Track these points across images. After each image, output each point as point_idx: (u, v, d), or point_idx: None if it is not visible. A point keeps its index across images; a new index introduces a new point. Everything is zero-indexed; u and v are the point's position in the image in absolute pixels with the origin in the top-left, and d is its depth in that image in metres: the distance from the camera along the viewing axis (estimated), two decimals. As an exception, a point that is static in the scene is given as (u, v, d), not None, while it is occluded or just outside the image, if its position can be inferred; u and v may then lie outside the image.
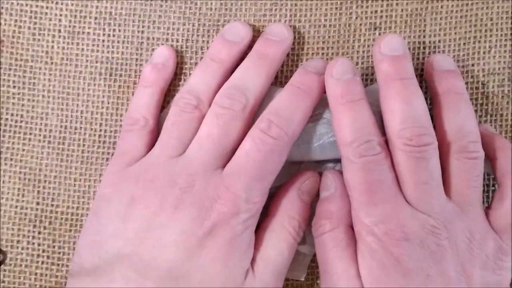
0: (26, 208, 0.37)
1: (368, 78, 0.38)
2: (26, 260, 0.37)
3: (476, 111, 0.37)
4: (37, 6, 0.38)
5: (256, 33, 0.38)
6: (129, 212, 0.31)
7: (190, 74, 0.38)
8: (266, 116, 0.32)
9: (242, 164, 0.31)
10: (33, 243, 0.37)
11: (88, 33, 0.38)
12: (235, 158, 0.32)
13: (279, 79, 0.38)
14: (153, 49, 0.38)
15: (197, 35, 0.38)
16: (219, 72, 0.34)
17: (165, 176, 0.31)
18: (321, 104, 0.34)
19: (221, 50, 0.35)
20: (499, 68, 0.37)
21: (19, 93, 0.38)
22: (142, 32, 0.38)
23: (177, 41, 0.38)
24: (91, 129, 0.38)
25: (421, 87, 0.33)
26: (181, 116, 0.33)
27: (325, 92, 0.34)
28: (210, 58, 0.35)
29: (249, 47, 0.36)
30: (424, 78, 0.37)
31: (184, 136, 0.33)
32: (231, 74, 0.35)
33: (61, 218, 0.37)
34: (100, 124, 0.38)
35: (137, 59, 0.38)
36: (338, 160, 0.36)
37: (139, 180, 0.32)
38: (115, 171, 0.34)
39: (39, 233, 0.37)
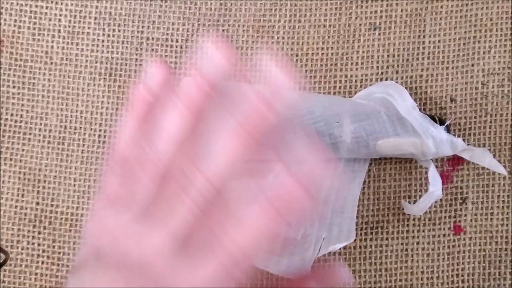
0: (26, 208, 0.37)
1: (368, 78, 0.37)
2: (26, 260, 0.37)
3: (476, 111, 0.37)
4: (36, 6, 0.38)
5: (256, 33, 0.38)
6: (99, 264, 0.30)
7: (189, 74, 0.38)
8: (228, 242, 0.26)
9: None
10: (33, 243, 0.37)
11: (88, 33, 0.38)
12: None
13: (279, 79, 0.38)
14: (152, 49, 0.38)
15: (197, 35, 0.38)
16: (190, 121, 0.28)
17: (127, 240, 0.29)
18: (322, 105, 0.34)
19: (194, 92, 0.28)
20: (499, 68, 0.37)
21: (18, 93, 0.38)
22: (142, 32, 0.38)
23: (177, 41, 0.38)
24: (91, 129, 0.38)
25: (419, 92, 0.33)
26: (139, 175, 0.29)
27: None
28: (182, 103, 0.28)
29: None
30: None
31: (145, 200, 0.29)
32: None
33: (61, 218, 0.37)
34: (100, 124, 0.38)
35: (136, 59, 0.38)
36: (338, 160, 0.36)
37: (107, 234, 0.29)
38: (99, 214, 0.31)
39: (39, 233, 0.37)
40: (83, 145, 0.38)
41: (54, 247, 0.37)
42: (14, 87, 0.38)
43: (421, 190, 0.37)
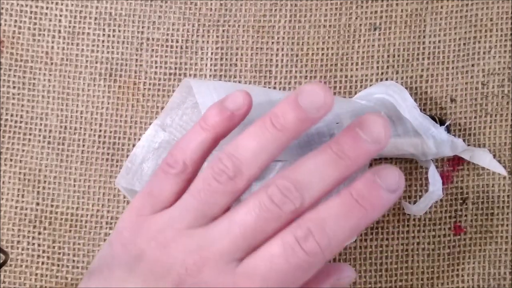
0: (26, 209, 0.37)
1: (368, 78, 0.38)
2: (27, 260, 0.37)
3: (476, 111, 0.37)
4: (37, 6, 0.38)
5: (256, 33, 0.38)
6: (135, 266, 0.29)
7: (189, 75, 0.38)
8: (307, 220, 0.27)
9: (261, 269, 0.27)
10: (33, 244, 0.37)
11: (88, 33, 0.38)
12: (257, 256, 0.27)
13: (278, 79, 0.38)
14: (152, 50, 0.38)
15: (197, 36, 0.38)
16: (281, 142, 0.28)
17: (177, 247, 0.28)
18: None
19: (289, 116, 0.28)
20: (499, 68, 0.37)
21: (19, 94, 0.38)
22: (142, 32, 0.38)
23: (177, 41, 0.38)
24: (91, 129, 0.38)
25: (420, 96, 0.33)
26: (211, 185, 0.28)
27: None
28: (272, 122, 0.28)
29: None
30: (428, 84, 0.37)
31: (209, 210, 0.28)
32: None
33: (61, 219, 0.37)
34: (100, 125, 0.38)
35: (137, 60, 0.38)
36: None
37: (153, 239, 0.29)
38: (139, 214, 0.30)
39: (39, 233, 0.37)
40: (83, 145, 0.38)
41: (54, 247, 0.37)
42: (14, 87, 0.38)
43: (421, 190, 0.37)
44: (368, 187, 0.27)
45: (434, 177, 0.36)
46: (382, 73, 0.38)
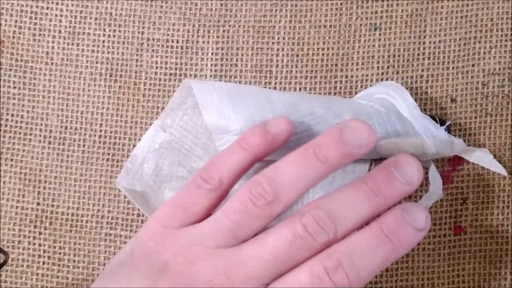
0: (27, 209, 0.37)
1: (368, 78, 0.38)
2: (28, 260, 0.37)
3: (476, 111, 0.37)
4: (37, 6, 0.38)
5: (256, 33, 0.38)
6: (158, 278, 0.28)
7: (190, 75, 0.38)
8: (337, 252, 0.27)
9: None
10: (34, 244, 0.37)
11: (89, 33, 0.38)
12: (284, 283, 0.27)
13: (278, 79, 0.38)
14: (153, 50, 0.38)
15: (198, 36, 0.38)
16: (321, 173, 0.28)
17: (205, 264, 0.28)
18: (323, 105, 0.34)
19: (332, 149, 0.28)
20: (499, 69, 0.37)
21: (19, 94, 0.38)
22: (143, 33, 0.38)
23: (177, 42, 0.38)
24: (92, 129, 0.38)
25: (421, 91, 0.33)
26: (247, 207, 0.28)
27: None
28: (315, 152, 0.29)
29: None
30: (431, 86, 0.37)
31: (241, 232, 0.28)
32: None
33: (62, 219, 0.37)
34: (101, 125, 0.38)
35: (137, 60, 0.38)
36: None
37: (180, 253, 0.29)
38: (166, 225, 0.30)
39: (40, 233, 0.37)
40: (84, 145, 0.38)
41: (55, 247, 0.37)
42: (14, 87, 0.38)
43: (422, 190, 0.37)
44: (398, 223, 0.28)
45: (434, 177, 0.36)
46: (382, 73, 0.38)
